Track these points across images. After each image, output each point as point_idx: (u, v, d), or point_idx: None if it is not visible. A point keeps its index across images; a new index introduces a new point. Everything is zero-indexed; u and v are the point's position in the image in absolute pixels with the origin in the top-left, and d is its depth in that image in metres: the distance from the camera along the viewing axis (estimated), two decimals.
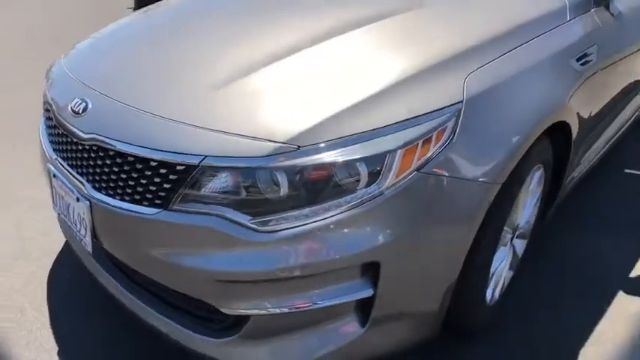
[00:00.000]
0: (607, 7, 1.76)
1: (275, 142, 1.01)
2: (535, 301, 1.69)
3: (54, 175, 1.37)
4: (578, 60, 1.49)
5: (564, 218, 2.15)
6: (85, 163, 1.22)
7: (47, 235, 2.00)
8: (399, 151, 1.02)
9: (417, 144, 1.03)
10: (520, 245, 1.64)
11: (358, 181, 1.02)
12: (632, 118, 2.66)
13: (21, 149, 2.80)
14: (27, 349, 1.48)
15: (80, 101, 1.26)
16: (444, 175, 1.07)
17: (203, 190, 1.04)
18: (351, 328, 1.13)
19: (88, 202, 1.21)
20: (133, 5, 8.25)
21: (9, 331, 1.54)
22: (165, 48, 1.46)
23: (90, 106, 1.24)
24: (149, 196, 1.09)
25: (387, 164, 1.02)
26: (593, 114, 1.75)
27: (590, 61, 1.57)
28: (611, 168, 2.66)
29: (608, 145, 2.33)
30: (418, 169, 1.04)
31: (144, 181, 1.09)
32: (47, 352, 1.47)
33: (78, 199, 1.25)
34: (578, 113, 1.55)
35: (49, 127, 1.46)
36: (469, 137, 1.10)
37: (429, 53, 1.21)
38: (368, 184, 1.02)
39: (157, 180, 1.07)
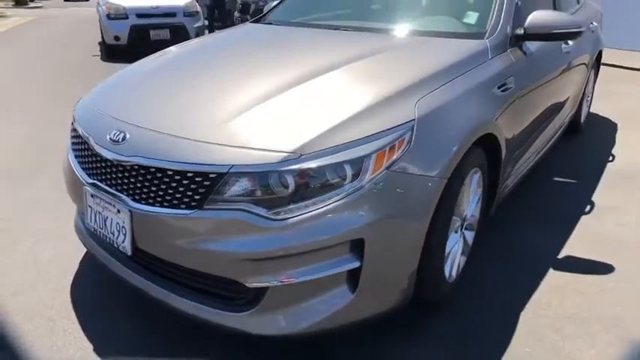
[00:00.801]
0: (520, 48, 2.26)
1: (283, 152, 1.38)
2: (484, 280, 2.09)
3: (92, 195, 1.67)
4: (499, 88, 1.96)
5: (506, 216, 2.60)
6: (125, 181, 1.54)
7: (60, 261, 2.24)
8: (373, 156, 1.41)
9: (385, 150, 1.43)
10: (469, 235, 2.05)
11: (344, 179, 1.40)
12: (556, 136, 3.21)
13: (19, 187, 3.03)
14: (63, 350, 1.72)
15: (119, 132, 1.59)
16: (406, 172, 1.46)
17: (229, 191, 1.39)
18: (343, 294, 1.47)
19: (129, 213, 1.52)
20: (100, 54, 8.54)
21: (44, 337, 1.77)
22: (182, 83, 1.84)
23: (128, 135, 1.57)
24: (186, 200, 1.42)
25: (365, 165, 1.40)
26: (518, 130, 2.22)
27: (510, 88, 2.05)
28: (542, 177, 3.18)
29: (536, 158, 2.83)
30: (387, 168, 1.43)
31: (182, 189, 1.42)
32: (83, 351, 1.71)
33: (119, 211, 1.56)
34: (505, 129, 2.00)
35: (83, 157, 1.76)
36: (421, 145, 1.50)
37: (391, 85, 1.63)
38: (352, 180, 1.40)
39: (193, 187, 1.41)
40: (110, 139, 1.60)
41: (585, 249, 2.35)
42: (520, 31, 2.18)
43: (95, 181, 1.67)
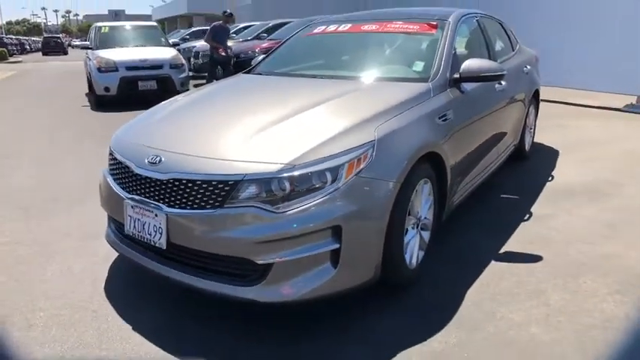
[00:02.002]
0: (458, 88, 2.90)
1: (280, 163, 1.93)
2: (438, 271, 2.62)
3: (132, 207, 2.17)
4: (440, 118, 2.57)
5: (458, 225, 3.16)
6: (162, 192, 2.05)
7: (91, 270, 2.69)
8: (346, 165, 1.97)
9: (354, 161, 1.99)
10: (426, 235, 2.58)
11: (326, 182, 1.94)
12: (500, 160, 3.84)
13: (39, 219, 3.47)
14: (108, 331, 2.15)
15: (155, 156, 2.11)
16: (370, 178, 2.02)
17: (243, 193, 1.91)
18: (328, 270, 1.98)
19: (165, 216, 2.03)
20: (89, 104, 9.07)
21: (91, 323, 2.20)
22: (198, 118, 2.44)
23: (163, 158, 2.09)
24: (210, 201, 1.94)
25: (340, 172, 1.95)
26: (462, 153, 2.83)
27: (449, 118, 2.66)
28: (490, 194, 3.78)
29: (483, 177, 3.43)
30: (356, 175, 1.98)
31: (207, 194, 1.94)
32: (125, 330, 2.15)
33: (156, 216, 2.06)
34: (450, 151, 2.59)
35: (122, 178, 2.27)
36: (380, 158, 2.07)
37: (357, 116, 2.22)
38: (331, 183, 1.94)
39: (216, 191, 1.93)
40: (148, 162, 2.12)
41: (521, 246, 2.92)
42: (457, 75, 2.83)
43: (134, 195, 2.17)
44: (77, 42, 70.17)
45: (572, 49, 8.25)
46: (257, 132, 2.16)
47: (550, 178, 4.24)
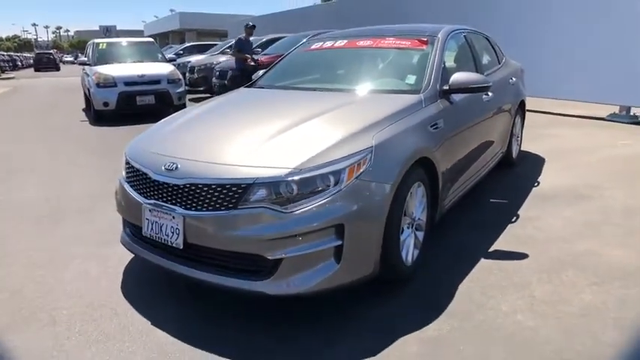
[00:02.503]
0: (447, 99, 3.13)
1: (288, 168, 2.13)
2: (434, 267, 2.82)
3: (150, 210, 2.36)
4: (431, 126, 2.80)
5: (450, 226, 3.37)
6: (179, 196, 2.24)
7: (106, 273, 2.87)
8: (347, 170, 2.17)
9: (355, 166, 2.20)
10: (420, 235, 2.78)
11: (329, 185, 2.15)
12: (489, 166, 4.07)
13: (51, 228, 3.64)
14: (129, 326, 2.32)
15: (172, 163, 2.31)
16: (369, 180, 2.23)
17: (254, 196, 2.11)
18: (332, 265, 2.17)
19: (182, 218, 2.22)
20: (87, 119, 9.24)
21: (112, 319, 2.37)
22: (208, 128, 2.66)
23: (179, 165, 2.29)
24: (225, 203, 2.13)
25: (342, 176, 2.16)
26: (453, 159, 3.05)
27: (440, 127, 2.88)
28: (480, 199, 4.01)
29: (472, 182, 3.65)
30: (356, 178, 2.19)
31: (222, 196, 2.14)
32: (144, 325, 2.32)
33: (174, 218, 2.25)
34: (441, 157, 2.81)
35: (139, 184, 2.45)
36: (378, 163, 2.28)
37: (356, 125, 2.43)
38: (334, 186, 2.15)
39: (230, 194, 2.13)
40: (165, 168, 2.31)
41: (509, 245, 3.13)
42: (446, 87, 3.06)
43: (153, 200, 2.36)
44: (69, 58, 70.18)
45: (556, 60, 8.57)
46: (265, 140, 2.37)
47: (536, 184, 4.48)
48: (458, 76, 3.06)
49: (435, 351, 2.07)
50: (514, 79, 4.83)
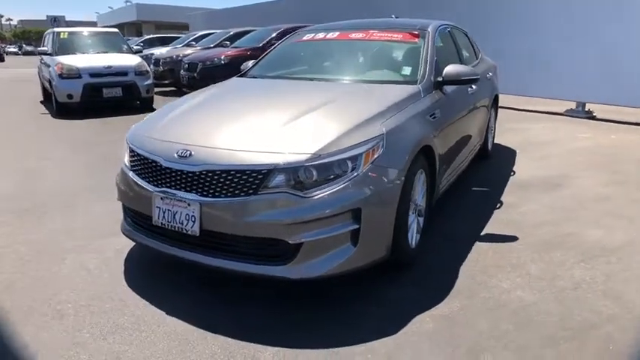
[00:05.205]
0: (441, 90, 3.26)
1: (307, 153, 2.17)
2: (433, 252, 2.94)
3: (161, 198, 2.33)
4: (430, 116, 2.91)
5: (441, 213, 3.51)
6: (195, 183, 2.23)
7: (105, 266, 2.82)
8: (364, 155, 2.24)
9: (370, 151, 2.27)
10: (421, 220, 2.90)
11: (347, 170, 2.20)
12: (471, 157, 4.25)
13: (33, 222, 3.50)
14: (143, 317, 2.29)
15: (185, 150, 2.29)
16: (382, 166, 2.30)
17: (275, 181, 2.14)
18: (349, 248, 2.23)
19: (198, 205, 2.21)
20: (48, 112, 8.85)
21: (123, 310, 2.33)
22: (215, 115, 2.68)
23: (193, 152, 2.28)
24: (244, 189, 2.15)
25: (359, 161, 2.22)
26: (446, 148, 3.18)
27: (437, 117, 3.00)
28: (463, 188, 4.18)
29: (459, 171, 3.81)
30: (372, 163, 2.26)
31: (242, 182, 2.15)
32: (159, 315, 2.29)
33: (189, 205, 2.24)
34: (438, 146, 2.93)
35: (148, 172, 2.42)
36: (389, 149, 2.35)
37: (364, 113, 2.50)
38: (352, 171, 2.21)
39: (250, 180, 2.14)
40: (178, 155, 2.29)
41: (498, 229, 3.30)
42: (440, 79, 3.18)
43: (164, 188, 2.33)
44: (12, 48, 66.18)
45: (519, 60, 8.97)
46: (279, 127, 2.40)
47: (512, 173, 4.71)
48: (450, 68, 3.19)
49: (451, 327, 2.18)
50: (490, 74, 5.05)
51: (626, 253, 2.92)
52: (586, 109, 8.31)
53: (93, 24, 55.82)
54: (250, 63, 4.02)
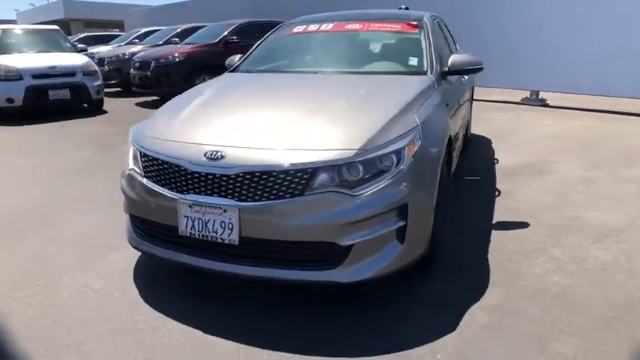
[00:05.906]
0: (447, 80, 3.24)
1: (353, 149, 2.04)
2: (451, 242, 2.92)
3: (189, 206, 2.12)
4: (446, 105, 2.88)
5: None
6: (230, 187, 2.04)
7: (111, 282, 2.56)
8: (406, 148, 2.15)
9: (411, 144, 2.18)
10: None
11: (391, 165, 2.10)
12: (461, 145, 4.29)
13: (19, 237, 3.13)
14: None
15: (215, 152, 2.09)
16: (422, 158, 2.22)
17: (321, 180, 2.00)
18: (396, 247, 2.14)
19: (237, 211, 2.02)
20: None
21: (154, 334, 2.11)
22: (237, 112, 2.51)
23: (225, 154, 2.08)
24: (290, 190, 1.99)
25: (403, 154, 2.13)
26: (455, 130, 3.17)
27: (449, 105, 2.98)
28: (457, 177, 4.21)
29: (458, 157, 3.83)
30: (413, 156, 2.18)
31: (286, 183, 1.99)
32: (189, 332, 2.09)
33: (225, 211, 2.04)
34: (452, 133, 2.90)
35: (170, 179, 2.18)
36: (426, 141, 2.28)
37: (393, 105, 2.40)
38: (396, 165, 2.11)
39: (295, 180, 1.99)
40: (208, 158, 2.09)
41: (506, 216, 3.34)
42: (446, 69, 3.16)
43: (192, 194, 2.12)
44: None
45: (477, 53, 9.25)
46: (312, 122, 2.27)
47: (496, 161, 4.82)
48: (456, 58, 3.17)
49: (504, 317, 2.15)
50: None
51: (632, 233, 3.04)
52: (539, 97, 8.72)
53: (12, 23, 51.65)
54: (237, 58, 3.80)
